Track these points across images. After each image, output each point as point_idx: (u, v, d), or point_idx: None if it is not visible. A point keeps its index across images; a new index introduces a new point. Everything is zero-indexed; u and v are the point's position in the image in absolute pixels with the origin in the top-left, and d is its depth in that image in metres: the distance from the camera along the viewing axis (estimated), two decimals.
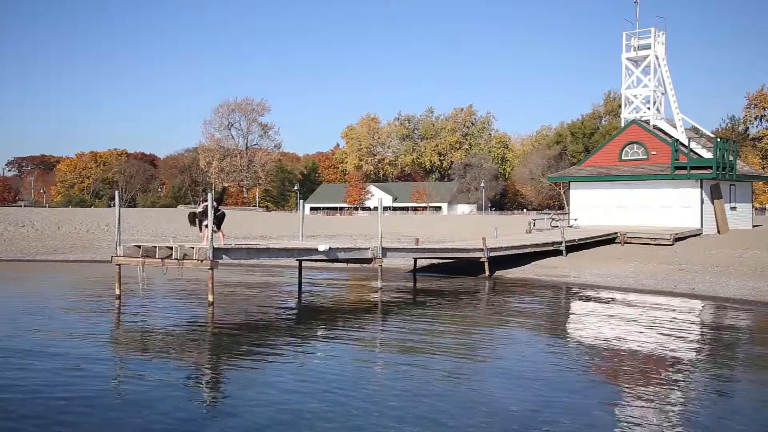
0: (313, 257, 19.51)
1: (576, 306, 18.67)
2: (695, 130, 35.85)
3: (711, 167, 31.05)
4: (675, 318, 16.16)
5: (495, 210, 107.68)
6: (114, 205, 18.79)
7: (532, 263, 25.90)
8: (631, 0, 35.89)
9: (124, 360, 11.64)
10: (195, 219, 17.26)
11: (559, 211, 55.54)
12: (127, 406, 8.73)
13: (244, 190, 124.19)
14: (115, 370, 10.94)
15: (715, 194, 32.39)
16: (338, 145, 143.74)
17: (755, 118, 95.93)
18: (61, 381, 9.77)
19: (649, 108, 34.74)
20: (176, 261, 16.17)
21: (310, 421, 8.07)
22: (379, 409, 8.57)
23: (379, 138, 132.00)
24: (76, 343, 12.41)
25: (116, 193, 20.72)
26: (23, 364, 10.73)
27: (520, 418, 8.26)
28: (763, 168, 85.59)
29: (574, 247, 27.80)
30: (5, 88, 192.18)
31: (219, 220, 16.86)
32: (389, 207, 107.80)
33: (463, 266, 25.53)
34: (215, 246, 15.93)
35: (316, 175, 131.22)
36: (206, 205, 16.42)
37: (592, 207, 35.11)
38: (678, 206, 32.33)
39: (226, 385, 10.24)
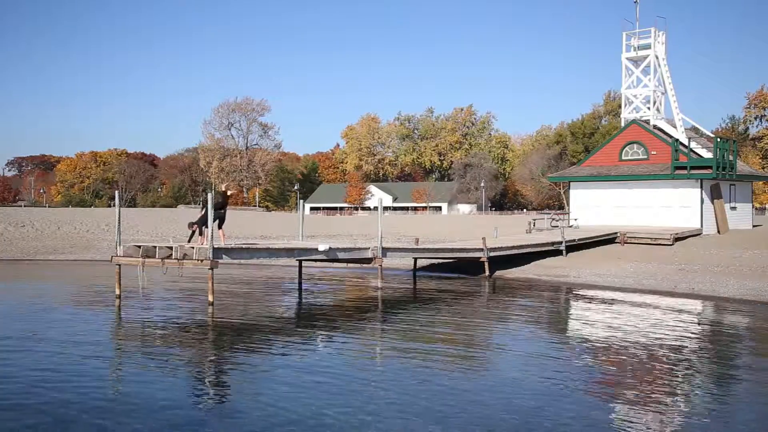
0: (313, 257, 19.53)
1: (576, 306, 18.67)
2: (695, 130, 35.84)
3: (711, 167, 31.05)
4: (675, 318, 16.16)
5: (495, 210, 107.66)
6: (114, 205, 18.80)
7: (532, 263, 25.90)
8: (631, 0, 35.97)
9: (123, 359, 11.65)
10: (192, 224, 17.48)
11: (559, 211, 55.48)
12: (126, 405, 8.73)
13: (244, 190, 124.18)
14: (115, 369, 10.94)
15: (715, 194, 32.39)
16: (338, 145, 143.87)
17: (755, 118, 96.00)
18: (61, 380, 9.77)
19: (649, 108, 34.73)
20: (176, 261, 16.20)
21: (311, 420, 8.08)
22: (380, 408, 8.57)
23: (379, 138, 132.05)
24: (76, 343, 12.39)
25: (116, 193, 20.75)
26: (23, 363, 10.74)
27: (520, 417, 8.27)
28: (763, 168, 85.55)
29: (574, 247, 27.80)
30: (5, 88, 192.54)
31: (219, 220, 16.95)
32: (389, 207, 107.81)
33: (463, 266, 25.53)
34: (215, 246, 15.95)
35: (316, 175, 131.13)
36: (205, 210, 16.53)
37: (592, 207, 35.12)
38: (678, 206, 32.33)
39: (226, 384, 10.25)
